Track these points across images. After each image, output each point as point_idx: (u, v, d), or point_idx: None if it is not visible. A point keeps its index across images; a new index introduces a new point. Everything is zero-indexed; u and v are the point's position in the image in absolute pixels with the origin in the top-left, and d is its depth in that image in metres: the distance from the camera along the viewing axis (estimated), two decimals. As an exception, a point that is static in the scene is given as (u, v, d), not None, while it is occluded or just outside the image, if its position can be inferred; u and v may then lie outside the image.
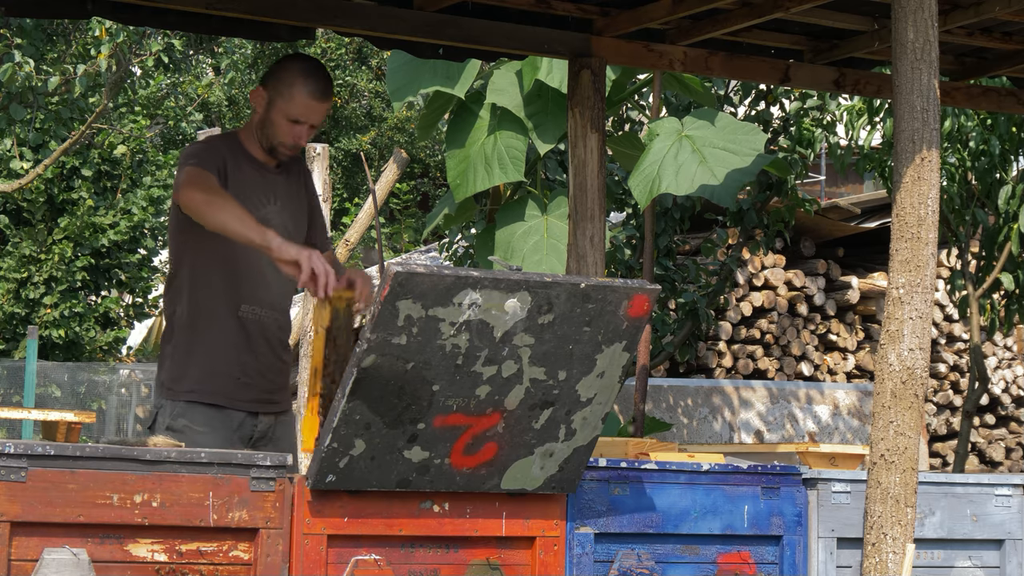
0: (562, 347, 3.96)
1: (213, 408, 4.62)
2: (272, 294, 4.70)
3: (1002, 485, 4.85)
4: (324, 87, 4.68)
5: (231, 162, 4.68)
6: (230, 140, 4.78)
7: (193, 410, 4.61)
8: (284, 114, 4.66)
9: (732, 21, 5.97)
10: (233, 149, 4.73)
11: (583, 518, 4.24)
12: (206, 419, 4.60)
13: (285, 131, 4.68)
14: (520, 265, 7.76)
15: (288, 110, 4.65)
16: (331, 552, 3.90)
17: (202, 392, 4.62)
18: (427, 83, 7.95)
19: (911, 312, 4.50)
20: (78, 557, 3.60)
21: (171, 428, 4.60)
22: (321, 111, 4.68)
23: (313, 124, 4.69)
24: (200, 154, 4.67)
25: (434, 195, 22.00)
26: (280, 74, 4.69)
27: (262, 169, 4.74)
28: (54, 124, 14.35)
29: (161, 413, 4.65)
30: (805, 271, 13.53)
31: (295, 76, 4.66)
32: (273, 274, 4.60)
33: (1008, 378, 14.37)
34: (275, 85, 4.68)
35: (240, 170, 4.68)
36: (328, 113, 4.70)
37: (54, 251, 16.01)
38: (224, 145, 4.74)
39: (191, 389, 4.62)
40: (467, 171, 7.98)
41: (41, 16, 5.62)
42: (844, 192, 19.48)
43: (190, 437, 4.53)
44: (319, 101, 4.67)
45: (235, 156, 4.71)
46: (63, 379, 15.68)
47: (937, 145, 4.55)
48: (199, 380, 4.62)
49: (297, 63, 4.72)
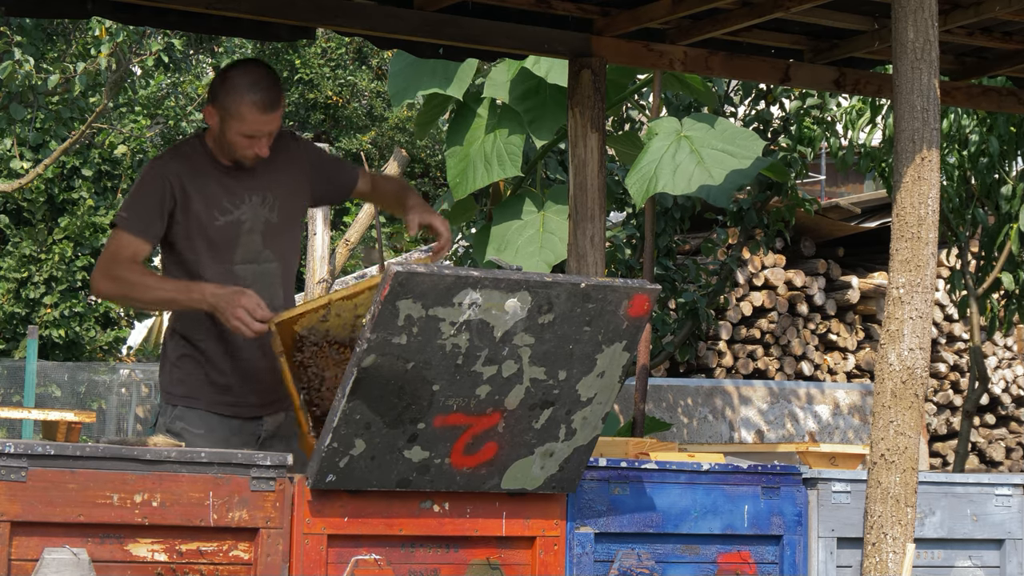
0: (562, 347, 3.96)
1: (210, 413, 4.62)
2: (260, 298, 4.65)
3: (1002, 485, 4.85)
4: (272, 98, 4.53)
5: (189, 174, 4.57)
6: (191, 147, 4.65)
7: (190, 414, 4.61)
8: (238, 132, 4.53)
9: (732, 21, 5.97)
10: (194, 156, 4.62)
11: (583, 518, 4.24)
12: (203, 422, 4.61)
13: (243, 146, 4.55)
14: (514, 258, 7.77)
15: (241, 128, 4.52)
16: (331, 552, 3.90)
17: (197, 400, 4.62)
18: (427, 85, 7.95)
19: (911, 312, 4.50)
20: (78, 557, 3.60)
21: (170, 430, 4.62)
22: (274, 120, 4.54)
23: (270, 132, 4.56)
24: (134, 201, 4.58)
25: (434, 194, 22.01)
26: (225, 91, 4.54)
27: (230, 170, 4.63)
28: (54, 124, 14.37)
29: (161, 414, 4.67)
30: (805, 271, 13.54)
31: (240, 93, 4.51)
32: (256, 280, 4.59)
33: (1008, 378, 14.37)
34: (223, 103, 4.53)
35: (202, 179, 4.58)
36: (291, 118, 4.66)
37: (54, 251, 16.02)
38: (180, 157, 4.62)
39: (186, 395, 4.63)
40: (467, 169, 7.98)
41: (41, 16, 5.62)
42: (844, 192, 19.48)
43: (188, 440, 4.53)
44: (270, 113, 4.52)
45: (196, 163, 4.60)
46: (63, 379, 15.69)
47: (937, 145, 4.54)
48: (194, 389, 4.62)
49: (240, 76, 4.55)
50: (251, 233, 4.61)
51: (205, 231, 4.57)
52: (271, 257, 4.65)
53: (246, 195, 4.62)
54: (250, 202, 4.63)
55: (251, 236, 4.61)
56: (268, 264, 4.65)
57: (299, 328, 4.35)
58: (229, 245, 4.59)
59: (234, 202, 4.60)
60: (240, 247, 4.60)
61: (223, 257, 4.58)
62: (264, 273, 4.64)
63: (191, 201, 4.55)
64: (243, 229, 4.60)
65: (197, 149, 4.64)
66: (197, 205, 4.55)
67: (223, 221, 4.58)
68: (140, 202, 4.58)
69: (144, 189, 4.59)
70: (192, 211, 4.56)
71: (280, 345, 4.31)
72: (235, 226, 4.59)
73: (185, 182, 4.57)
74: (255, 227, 4.62)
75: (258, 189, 4.64)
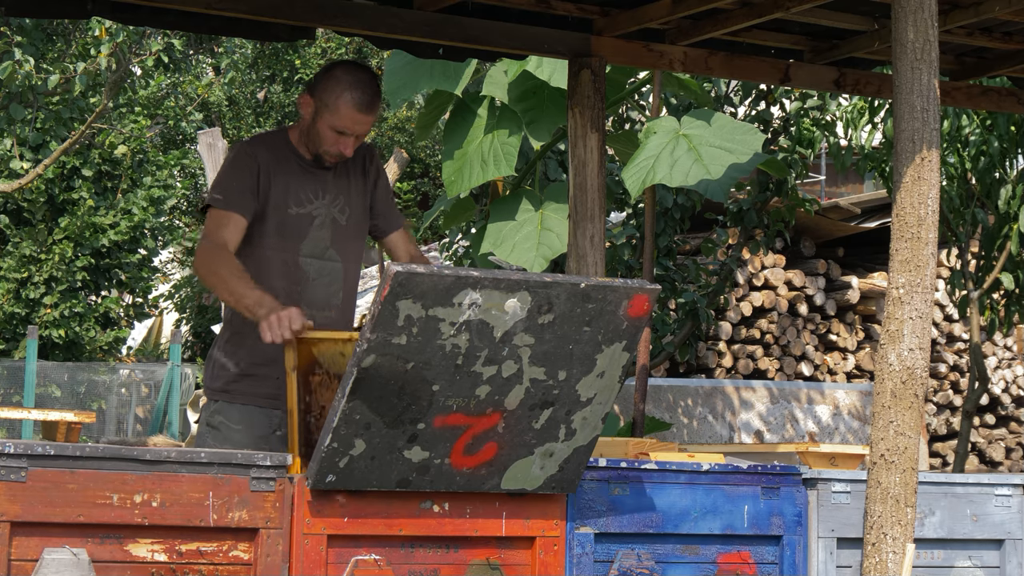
0: (562, 347, 3.96)
1: (250, 407, 4.67)
2: (318, 295, 4.70)
3: (1002, 485, 4.85)
4: (370, 99, 4.67)
5: (273, 161, 4.70)
6: (277, 137, 4.79)
7: (229, 408, 4.69)
8: (329, 125, 4.66)
9: (732, 21, 5.97)
10: (278, 146, 4.75)
11: (583, 518, 4.24)
12: (241, 416, 4.67)
13: (330, 141, 4.69)
14: (511, 252, 7.76)
15: (333, 122, 4.66)
16: (331, 552, 3.90)
17: (234, 392, 4.68)
18: (424, 83, 7.94)
19: (911, 312, 4.50)
20: (78, 557, 3.60)
21: (209, 424, 4.71)
22: (367, 122, 4.68)
23: (359, 135, 4.70)
24: (226, 179, 4.68)
25: (434, 195, 22.00)
26: (327, 84, 4.68)
27: (310, 166, 4.75)
28: (54, 124, 14.37)
29: (204, 409, 4.76)
30: (805, 271, 13.53)
31: (342, 88, 4.65)
32: (319, 275, 4.68)
33: (1008, 378, 14.37)
34: (321, 95, 4.67)
35: (285, 167, 4.71)
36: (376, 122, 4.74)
37: (54, 251, 16.02)
38: (266, 144, 4.76)
39: (225, 389, 4.70)
40: (463, 168, 7.97)
41: (41, 16, 5.62)
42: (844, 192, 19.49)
43: (225, 434, 4.63)
44: (365, 114, 4.66)
45: (279, 153, 4.73)
46: (63, 379, 15.69)
47: (937, 145, 4.54)
48: (234, 380, 4.69)
49: (345, 74, 4.69)
50: (320, 229, 4.72)
51: (279, 218, 4.67)
52: (336, 257, 4.76)
53: (321, 192, 4.74)
54: (323, 200, 4.74)
55: (320, 232, 4.72)
56: (332, 263, 4.75)
57: (317, 353, 4.33)
58: (298, 236, 4.69)
59: (309, 196, 4.72)
60: (308, 240, 4.71)
61: (290, 247, 4.68)
62: (328, 270, 4.74)
63: (272, 186, 4.67)
64: (314, 224, 4.71)
65: (281, 140, 4.77)
66: (276, 191, 4.67)
67: (296, 212, 4.69)
68: (232, 180, 4.67)
69: (236, 168, 4.69)
70: (271, 196, 4.66)
71: (293, 360, 4.28)
72: (306, 219, 4.70)
73: (270, 166, 4.68)
74: (324, 224, 4.73)
75: (332, 190, 4.76)
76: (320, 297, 4.71)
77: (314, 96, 4.70)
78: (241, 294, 4.45)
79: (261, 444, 4.60)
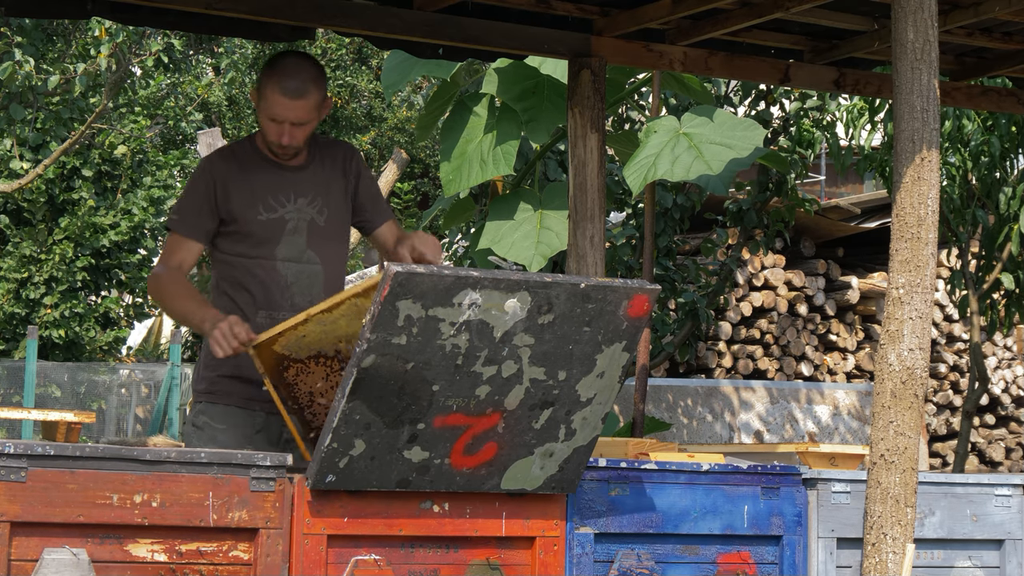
0: (562, 347, 3.96)
1: (232, 407, 4.67)
2: (298, 299, 4.68)
3: (1002, 485, 4.85)
4: (298, 85, 4.59)
5: (235, 170, 4.67)
6: (244, 145, 4.76)
7: (213, 408, 4.70)
8: (267, 115, 4.63)
9: (732, 21, 5.97)
10: (244, 154, 4.72)
11: (583, 518, 4.24)
12: (225, 416, 4.68)
13: (272, 132, 4.64)
14: (509, 249, 7.76)
15: (266, 110, 4.63)
16: (331, 552, 3.90)
17: (218, 393, 4.70)
18: (417, 71, 7.95)
19: (911, 312, 4.50)
20: (78, 557, 3.60)
21: (194, 424, 4.72)
22: (296, 108, 4.59)
23: (293, 122, 4.61)
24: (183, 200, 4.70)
25: (434, 195, 22.00)
26: (261, 76, 4.67)
27: (281, 168, 4.72)
28: (54, 124, 14.36)
29: (190, 410, 4.79)
30: (805, 271, 13.54)
31: (268, 77, 4.62)
32: (298, 279, 4.66)
33: (1008, 378, 14.37)
34: (258, 88, 4.66)
35: (250, 174, 4.67)
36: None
37: (54, 251, 16.01)
38: (229, 155, 4.74)
39: (209, 390, 4.71)
40: (461, 167, 7.97)
41: (41, 16, 5.63)
42: (844, 192, 19.49)
43: (209, 434, 4.64)
44: (292, 99, 4.58)
45: (244, 161, 4.70)
46: (63, 379, 15.68)
47: (937, 145, 4.54)
48: (215, 382, 4.70)
49: (274, 63, 4.66)
50: (294, 233, 4.69)
51: (248, 226, 4.65)
52: (314, 259, 4.71)
53: (293, 195, 4.70)
54: (296, 202, 4.70)
55: (294, 236, 4.69)
56: (311, 265, 4.71)
57: (279, 348, 4.33)
58: (271, 241, 4.67)
59: (279, 200, 4.68)
60: (282, 244, 4.68)
61: (266, 252, 4.66)
62: (307, 273, 4.70)
63: (233, 197, 4.64)
64: (286, 228, 4.68)
65: (247, 147, 4.75)
66: (239, 200, 4.64)
67: (267, 217, 4.66)
68: (188, 201, 4.69)
69: (192, 188, 4.71)
70: (233, 207, 4.64)
71: (261, 366, 4.30)
72: (279, 223, 4.67)
73: (229, 179, 4.66)
74: (299, 227, 4.69)
75: (309, 191, 4.72)
76: (300, 301, 4.67)
77: (256, 89, 4.68)
78: (191, 313, 4.52)
79: (244, 444, 4.60)
